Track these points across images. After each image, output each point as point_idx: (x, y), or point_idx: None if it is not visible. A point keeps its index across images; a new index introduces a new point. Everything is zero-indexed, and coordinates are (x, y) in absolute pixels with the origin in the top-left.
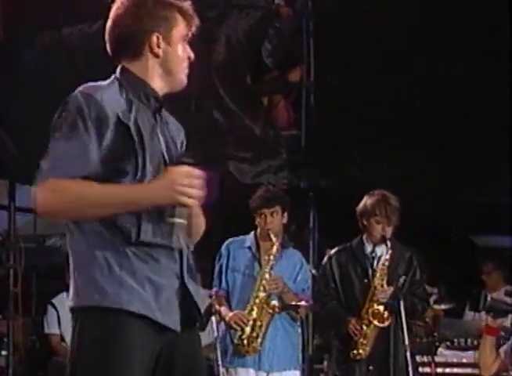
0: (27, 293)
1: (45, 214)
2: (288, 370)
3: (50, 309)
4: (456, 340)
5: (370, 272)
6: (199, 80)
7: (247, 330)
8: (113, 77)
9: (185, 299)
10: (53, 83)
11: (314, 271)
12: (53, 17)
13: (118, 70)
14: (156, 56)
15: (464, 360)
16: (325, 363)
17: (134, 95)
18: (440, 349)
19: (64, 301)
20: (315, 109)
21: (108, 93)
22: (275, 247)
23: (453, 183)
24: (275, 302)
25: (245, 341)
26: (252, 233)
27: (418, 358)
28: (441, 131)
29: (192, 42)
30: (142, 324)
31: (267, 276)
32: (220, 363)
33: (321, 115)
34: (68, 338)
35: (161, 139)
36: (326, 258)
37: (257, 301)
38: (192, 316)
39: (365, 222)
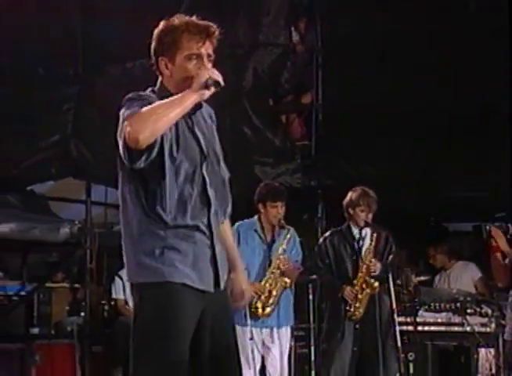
0: (99, 267)
1: (135, 139)
2: (286, 326)
3: (117, 279)
4: (432, 304)
5: (357, 250)
6: (232, 102)
7: (263, 297)
8: (151, 88)
9: (216, 266)
10: (119, 105)
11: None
12: (119, 52)
13: (158, 82)
14: (168, 75)
15: (439, 320)
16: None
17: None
18: (420, 312)
19: None
20: (322, 125)
21: (150, 100)
22: (289, 235)
23: (430, 181)
24: (287, 279)
25: (259, 306)
26: (256, 217)
27: (403, 319)
28: (420, 139)
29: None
30: (185, 290)
31: (281, 257)
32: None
33: (326, 130)
34: (131, 302)
35: (198, 133)
36: (321, 239)
37: (272, 276)
38: (218, 279)
39: (351, 211)
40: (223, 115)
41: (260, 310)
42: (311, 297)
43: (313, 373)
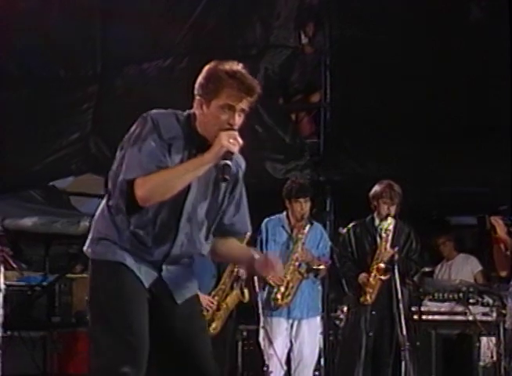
0: None
1: (147, 202)
2: (313, 317)
3: None
4: (436, 294)
5: (378, 240)
6: None
7: (282, 289)
8: (187, 113)
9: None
10: (136, 104)
11: (330, 243)
12: (136, 53)
13: (191, 111)
14: (200, 114)
15: (442, 310)
16: (338, 312)
17: (187, 132)
18: (424, 301)
19: None
20: (330, 123)
21: (165, 119)
22: (307, 228)
23: (433, 177)
24: (303, 270)
25: (279, 297)
26: (284, 213)
27: None
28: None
29: None
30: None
31: (299, 249)
32: (261, 312)
33: (334, 127)
34: None
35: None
36: (345, 230)
37: (291, 267)
38: (171, 296)
39: (375, 203)
40: None
41: (279, 300)
42: (320, 287)
43: (322, 360)
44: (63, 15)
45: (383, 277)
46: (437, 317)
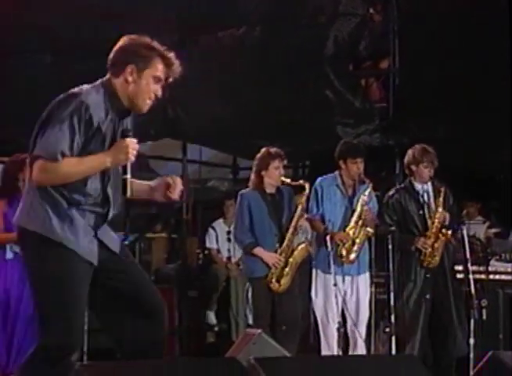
0: (194, 219)
1: (39, 184)
2: (365, 273)
3: (210, 230)
4: (503, 255)
5: (423, 204)
6: (315, 68)
7: (347, 245)
8: (100, 81)
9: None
10: (211, 72)
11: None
12: (212, 22)
13: (106, 78)
14: (127, 82)
15: (509, 269)
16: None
17: (111, 104)
18: (491, 261)
19: (220, 225)
20: (399, 88)
21: (96, 101)
22: (369, 189)
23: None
24: (370, 229)
25: (344, 252)
26: (337, 173)
27: (475, 268)
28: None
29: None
30: (76, 254)
31: (364, 208)
32: (314, 267)
33: (402, 92)
34: (223, 251)
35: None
36: (386, 197)
37: (355, 225)
38: (111, 251)
39: (414, 168)
40: (307, 79)
41: (344, 257)
42: (390, 246)
43: (393, 317)
44: None
45: (446, 240)
46: (503, 277)
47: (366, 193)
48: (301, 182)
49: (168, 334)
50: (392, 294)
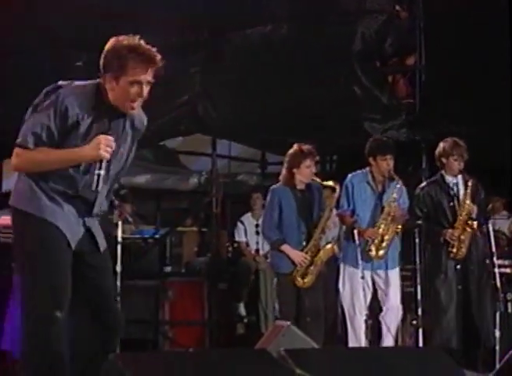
0: (224, 213)
1: (17, 171)
2: (394, 268)
3: (239, 224)
4: None
5: (453, 196)
6: (342, 65)
7: (376, 241)
8: (97, 81)
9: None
10: (240, 69)
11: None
12: (240, 19)
13: (98, 81)
14: (109, 88)
15: None
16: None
17: (100, 103)
18: None
19: (249, 219)
20: (425, 84)
21: (76, 96)
22: (398, 185)
23: None
24: (398, 225)
25: (373, 248)
26: (367, 169)
27: (501, 261)
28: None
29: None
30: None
31: (392, 205)
32: (341, 262)
33: (429, 89)
34: (252, 244)
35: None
36: (418, 190)
37: (384, 222)
38: (97, 245)
39: (444, 161)
40: (335, 76)
41: (374, 253)
42: (417, 240)
43: (419, 310)
44: None
45: (473, 232)
46: None
47: (396, 189)
48: (332, 183)
49: (198, 325)
50: (419, 287)
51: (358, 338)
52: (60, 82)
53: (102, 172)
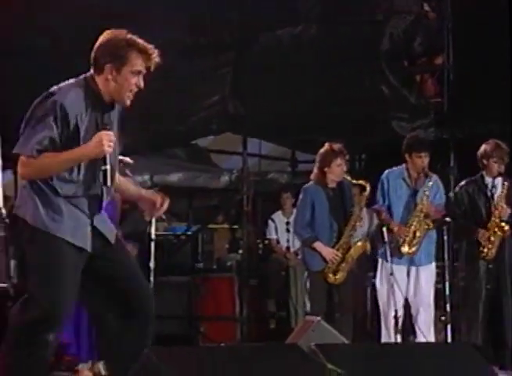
0: (254, 210)
1: (25, 179)
2: (430, 264)
3: (270, 221)
4: None
5: (490, 197)
6: (371, 64)
7: (408, 239)
8: (83, 76)
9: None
10: (271, 69)
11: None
12: (270, 20)
13: (88, 75)
14: (108, 80)
15: None
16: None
17: (91, 99)
18: None
19: (279, 216)
20: (453, 83)
21: (72, 98)
22: (431, 181)
23: None
24: (429, 222)
25: (405, 245)
26: (403, 166)
27: None
28: None
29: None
30: (66, 243)
31: (424, 201)
32: (388, 258)
33: (457, 88)
34: (282, 242)
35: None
36: (457, 188)
37: (416, 219)
38: (106, 240)
39: (485, 162)
40: (363, 75)
41: (406, 249)
42: (445, 237)
43: (448, 306)
44: None
45: (503, 234)
46: None
47: (429, 186)
48: (363, 182)
49: (230, 320)
50: (448, 284)
51: (390, 334)
52: (49, 90)
53: (109, 167)
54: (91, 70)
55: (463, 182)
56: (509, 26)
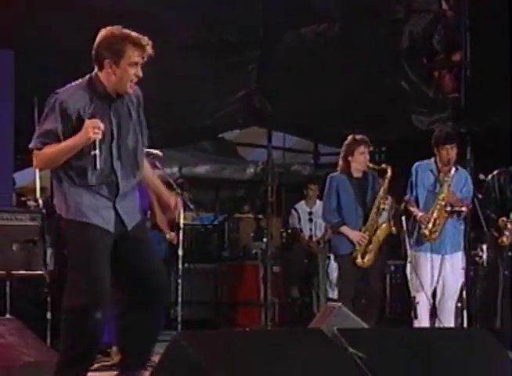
0: (278, 201)
1: (41, 169)
2: (455, 252)
3: (293, 211)
4: None
5: None
6: (391, 61)
7: (430, 225)
8: (89, 75)
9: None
10: (295, 66)
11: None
12: (294, 18)
13: (94, 72)
14: (108, 74)
15: None
16: (478, 249)
17: (96, 93)
18: None
19: (302, 206)
20: (470, 79)
21: (71, 94)
22: (453, 171)
23: None
24: (449, 208)
25: (427, 232)
26: (432, 159)
27: None
28: None
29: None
30: (96, 227)
31: (446, 191)
32: (408, 247)
33: (474, 83)
34: (305, 231)
35: (113, 119)
36: (490, 177)
37: (438, 207)
38: (124, 224)
39: None
40: (384, 72)
41: (427, 235)
42: (462, 227)
43: (464, 292)
44: None
45: None
46: None
47: (451, 177)
48: (384, 166)
49: (255, 306)
50: (463, 271)
51: (420, 320)
52: (56, 90)
53: (98, 152)
54: (95, 68)
55: (496, 171)
56: None
